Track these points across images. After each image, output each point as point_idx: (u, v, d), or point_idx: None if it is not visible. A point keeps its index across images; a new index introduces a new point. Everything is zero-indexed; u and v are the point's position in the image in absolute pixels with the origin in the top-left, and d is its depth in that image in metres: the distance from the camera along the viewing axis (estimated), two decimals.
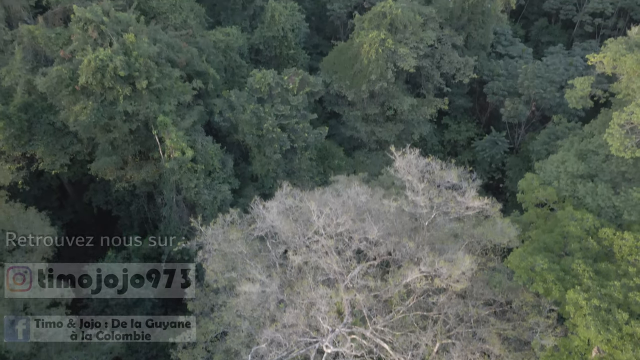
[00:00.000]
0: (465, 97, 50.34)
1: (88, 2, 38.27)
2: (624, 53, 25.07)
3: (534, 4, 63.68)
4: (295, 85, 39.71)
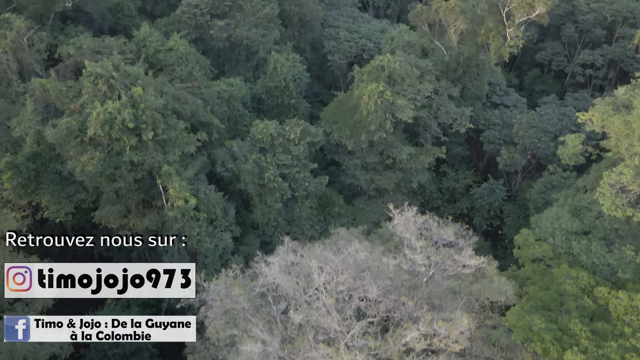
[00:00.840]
0: (463, 146, 51.51)
1: (99, 56, 40.06)
2: (611, 114, 26.22)
3: (526, 55, 66.00)
4: (296, 136, 40.87)
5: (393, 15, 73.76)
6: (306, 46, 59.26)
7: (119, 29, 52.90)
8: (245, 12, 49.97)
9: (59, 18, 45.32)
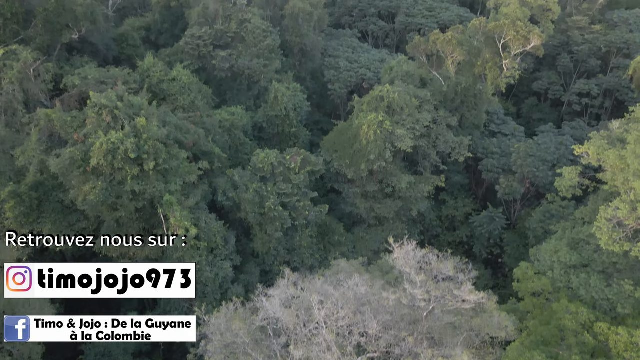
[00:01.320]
0: (462, 174, 51.93)
1: (103, 86, 40.84)
2: (606, 148, 26.68)
3: (523, 84, 67.04)
4: (297, 165, 41.30)
5: (392, 45, 75.22)
6: (307, 75, 60.34)
7: (123, 59, 53.99)
8: (248, 43, 51.10)
9: (65, 49, 46.28)
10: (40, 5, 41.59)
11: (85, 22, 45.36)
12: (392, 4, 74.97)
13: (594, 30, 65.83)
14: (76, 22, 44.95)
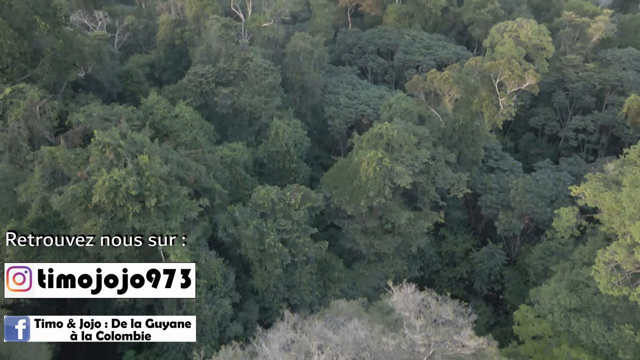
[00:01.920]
0: (461, 210, 52.19)
1: (107, 123, 41.55)
2: (602, 190, 27.06)
3: (520, 119, 68.13)
4: (297, 201, 41.56)
5: (391, 81, 76.76)
6: (307, 111, 61.39)
7: (127, 95, 55.04)
8: (249, 80, 52.23)
9: (71, 86, 47.28)
10: (48, 45, 42.68)
11: (91, 61, 46.55)
12: (390, 41, 76.91)
13: (587, 68, 67.40)
14: (83, 61, 46.14)
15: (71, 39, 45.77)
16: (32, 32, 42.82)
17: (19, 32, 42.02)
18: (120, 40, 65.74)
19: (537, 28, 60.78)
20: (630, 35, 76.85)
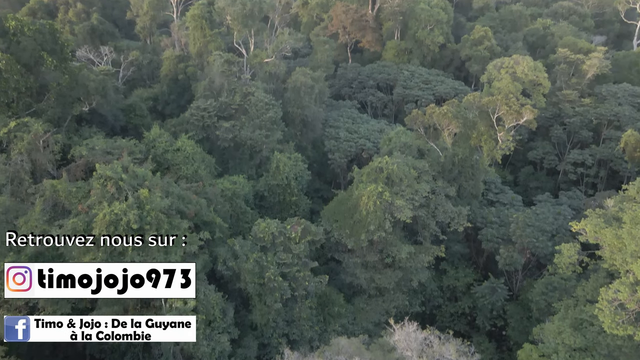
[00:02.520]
0: (462, 244, 51.97)
1: (109, 156, 41.93)
2: (603, 226, 27.09)
3: (518, 153, 68.63)
4: (297, 234, 41.49)
5: (390, 114, 77.80)
6: (308, 144, 61.97)
7: (130, 128, 55.74)
8: (251, 115, 53.00)
9: (75, 120, 47.94)
10: (54, 80, 43.56)
11: (96, 96, 47.38)
12: (389, 76, 78.38)
13: (584, 103, 68.45)
14: (87, 96, 46.95)
15: (77, 74, 46.77)
16: (39, 68, 43.77)
17: (26, 67, 42.97)
18: (125, 74, 67.03)
19: (533, 64, 62.07)
20: (624, 72, 78.38)
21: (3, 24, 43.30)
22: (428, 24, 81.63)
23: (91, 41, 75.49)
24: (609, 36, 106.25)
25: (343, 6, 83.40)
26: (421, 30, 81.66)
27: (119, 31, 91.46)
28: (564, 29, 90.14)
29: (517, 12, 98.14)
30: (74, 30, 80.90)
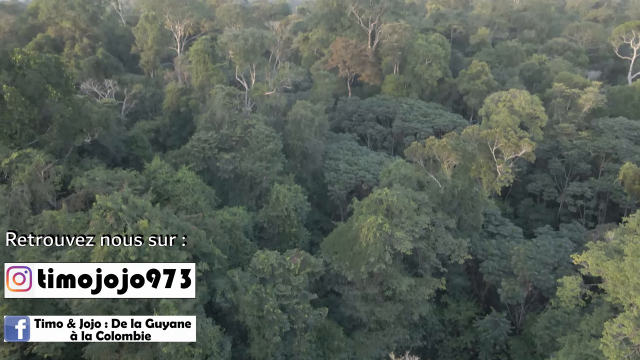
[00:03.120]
0: (463, 276, 51.44)
1: (110, 187, 42.03)
2: (604, 259, 26.89)
3: (518, 185, 68.83)
4: (297, 266, 41.15)
5: (390, 147, 78.46)
6: (308, 176, 62.21)
7: (131, 159, 56.10)
8: (251, 146, 53.45)
9: (76, 151, 48.32)
10: (58, 112, 44.14)
11: (98, 127, 47.92)
12: (389, 109, 79.48)
13: (581, 136, 69.15)
14: (90, 127, 47.50)
15: (80, 106, 47.46)
16: (43, 100, 44.45)
17: (31, 99, 43.64)
18: (128, 107, 68.00)
19: (530, 98, 63.07)
20: (620, 105, 79.52)
21: (9, 57, 44.27)
22: (426, 58, 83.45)
23: (96, 74, 76.95)
24: (604, 71, 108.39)
25: (343, 41, 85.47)
26: (419, 65, 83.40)
27: (123, 65, 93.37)
28: (559, 64, 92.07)
29: (513, 48, 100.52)
30: (80, 64, 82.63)
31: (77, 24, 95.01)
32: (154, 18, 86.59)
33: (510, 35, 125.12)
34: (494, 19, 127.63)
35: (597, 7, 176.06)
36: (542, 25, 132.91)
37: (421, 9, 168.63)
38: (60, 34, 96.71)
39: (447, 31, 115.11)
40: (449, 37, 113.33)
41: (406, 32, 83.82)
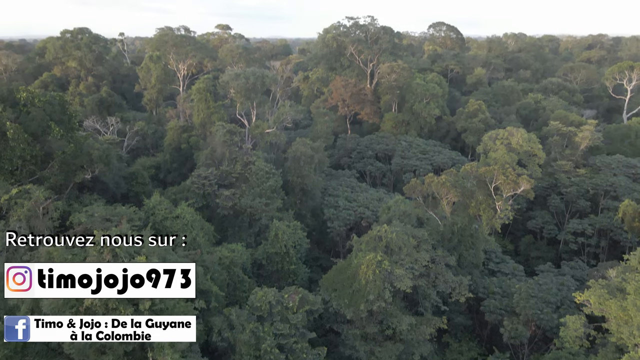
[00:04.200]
0: (464, 315, 50.49)
1: (108, 223, 41.93)
2: (607, 297, 26.49)
3: (518, 222, 68.67)
4: (295, 304, 40.49)
5: (389, 184, 78.76)
6: (307, 213, 62.14)
7: (131, 195, 56.23)
8: (251, 183, 53.68)
9: (76, 187, 48.49)
10: (60, 149, 44.61)
11: (99, 164, 48.27)
12: (387, 147, 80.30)
13: (579, 174, 69.53)
14: (91, 164, 47.85)
15: (82, 143, 47.99)
16: (46, 137, 45.01)
17: (33, 136, 44.21)
18: (130, 144, 68.75)
19: (527, 136, 63.85)
20: (617, 143, 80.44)
21: (15, 95, 45.16)
22: (424, 97, 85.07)
23: (99, 112, 78.30)
24: (599, 110, 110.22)
25: (342, 80, 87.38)
26: (418, 103, 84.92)
27: (126, 103, 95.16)
28: (554, 103, 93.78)
29: (509, 87, 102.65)
30: (84, 101, 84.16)
31: (83, 63, 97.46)
32: (158, 58, 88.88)
33: (506, 75, 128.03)
34: (489, 59, 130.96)
35: (590, 48, 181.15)
36: (537, 65, 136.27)
37: (419, 50, 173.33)
38: (66, 73, 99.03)
39: (445, 71, 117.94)
40: (446, 76, 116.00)
41: (404, 71, 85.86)
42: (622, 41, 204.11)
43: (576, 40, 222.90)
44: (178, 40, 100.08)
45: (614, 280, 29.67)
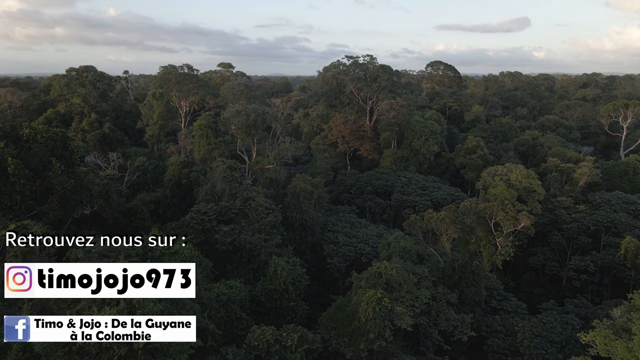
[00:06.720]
0: (467, 354, 49.16)
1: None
2: (612, 338, 25.93)
3: (519, 259, 67.93)
4: (293, 342, 39.57)
5: (389, 220, 78.51)
6: (307, 249, 61.63)
7: (130, 230, 55.86)
8: (250, 219, 53.47)
9: (75, 222, 48.31)
10: (60, 184, 44.70)
11: (98, 199, 48.28)
12: (387, 183, 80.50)
13: (579, 210, 69.37)
14: (90, 199, 47.86)
15: (82, 178, 48.13)
16: (47, 172, 45.19)
17: (34, 171, 44.39)
18: (130, 179, 68.98)
19: (525, 172, 64.13)
20: (615, 180, 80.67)
21: (17, 131, 45.66)
22: (423, 134, 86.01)
23: (101, 148, 78.98)
24: (596, 147, 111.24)
25: (342, 117, 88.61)
26: (417, 140, 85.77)
27: (128, 139, 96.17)
28: (552, 139, 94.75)
29: (507, 124, 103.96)
30: (86, 137, 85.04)
31: (87, 100, 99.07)
32: (160, 95, 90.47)
33: (503, 112, 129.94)
34: (487, 97, 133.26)
35: (585, 87, 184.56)
36: (533, 103, 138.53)
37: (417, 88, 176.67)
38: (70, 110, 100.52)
39: (443, 108, 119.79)
40: (445, 113, 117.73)
41: (403, 109, 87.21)
42: (616, 80, 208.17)
43: (571, 78, 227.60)
44: (180, 78, 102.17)
45: (618, 320, 29.08)
